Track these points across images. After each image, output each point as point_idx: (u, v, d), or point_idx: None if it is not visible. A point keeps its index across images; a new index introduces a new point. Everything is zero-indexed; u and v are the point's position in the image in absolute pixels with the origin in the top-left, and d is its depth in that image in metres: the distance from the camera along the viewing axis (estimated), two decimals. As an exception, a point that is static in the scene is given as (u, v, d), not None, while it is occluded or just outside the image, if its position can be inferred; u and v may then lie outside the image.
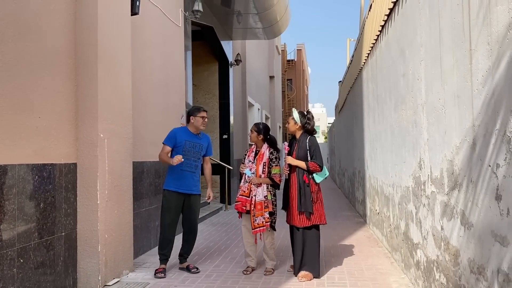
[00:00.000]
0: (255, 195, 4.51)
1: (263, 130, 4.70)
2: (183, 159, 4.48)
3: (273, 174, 4.56)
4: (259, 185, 4.52)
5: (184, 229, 4.85)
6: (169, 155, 4.69)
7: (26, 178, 3.43)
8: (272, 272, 4.61)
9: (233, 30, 11.10)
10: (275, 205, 4.59)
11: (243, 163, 4.74)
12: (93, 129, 4.13)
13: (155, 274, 4.52)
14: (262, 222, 4.46)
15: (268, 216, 4.47)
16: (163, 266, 4.65)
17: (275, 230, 4.64)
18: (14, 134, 3.32)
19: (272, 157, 4.62)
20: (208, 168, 4.99)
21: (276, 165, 4.60)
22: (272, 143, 4.74)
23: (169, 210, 4.65)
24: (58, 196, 3.85)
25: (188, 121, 4.85)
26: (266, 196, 4.49)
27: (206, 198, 4.89)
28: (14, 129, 3.31)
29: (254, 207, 4.49)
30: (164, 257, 4.68)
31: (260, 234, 4.59)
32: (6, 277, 3.19)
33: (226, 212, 9.80)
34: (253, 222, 4.49)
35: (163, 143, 4.72)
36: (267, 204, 4.48)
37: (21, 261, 3.35)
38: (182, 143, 4.67)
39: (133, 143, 4.89)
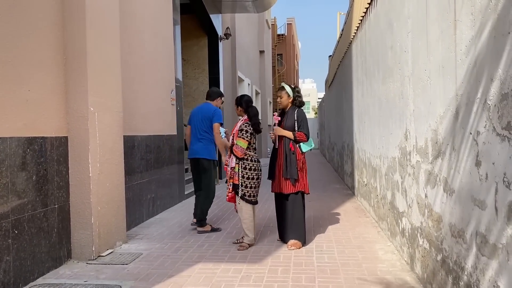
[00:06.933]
0: (230, 164, 4.58)
1: (244, 104, 4.66)
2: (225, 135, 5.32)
3: (235, 145, 4.46)
4: (230, 155, 4.58)
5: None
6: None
7: (17, 151, 3.45)
8: (246, 248, 4.48)
9: (222, 3, 10.95)
10: (253, 179, 4.47)
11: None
12: (83, 102, 4.13)
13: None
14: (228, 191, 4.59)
15: (231, 187, 4.52)
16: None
17: (251, 203, 4.52)
18: (4, 107, 3.32)
19: (242, 127, 4.49)
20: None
21: (239, 137, 4.43)
22: (249, 115, 4.60)
23: (192, 174, 5.47)
24: (50, 169, 3.89)
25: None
26: (233, 167, 4.49)
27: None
28: (4, 102, 3.31)
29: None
30: (198, 218, 5.32)
31: (234, 205, 4.62)
32: (2, 248, 3.25)
33: (217, 186, 9.88)
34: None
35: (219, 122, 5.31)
36: (232, 175, 4.49)
37: (16, 232, 3.41)
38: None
39: (123, 117, 4.91)
